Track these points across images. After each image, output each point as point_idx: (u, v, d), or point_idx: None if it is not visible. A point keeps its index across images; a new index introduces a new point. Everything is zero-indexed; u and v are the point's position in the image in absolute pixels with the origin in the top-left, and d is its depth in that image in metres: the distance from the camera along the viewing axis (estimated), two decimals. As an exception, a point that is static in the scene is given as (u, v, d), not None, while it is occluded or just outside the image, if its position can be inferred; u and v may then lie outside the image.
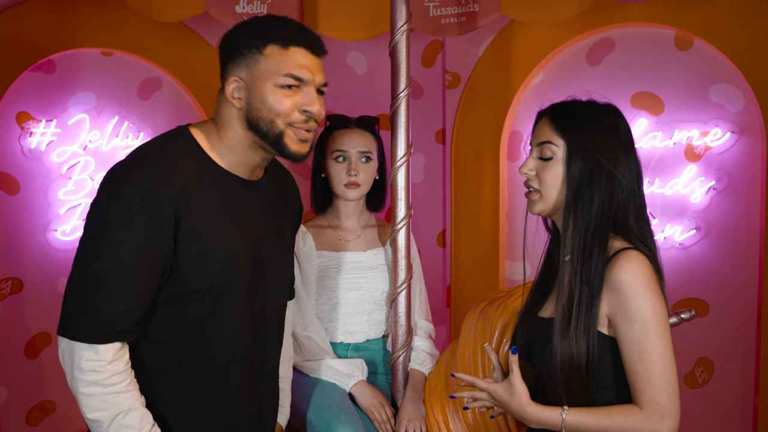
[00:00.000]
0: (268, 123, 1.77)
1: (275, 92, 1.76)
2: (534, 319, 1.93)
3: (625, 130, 1.84)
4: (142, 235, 1.66)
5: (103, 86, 3.72)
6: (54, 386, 3.73)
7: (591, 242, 1.77)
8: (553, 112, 1.87)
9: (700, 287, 3.47)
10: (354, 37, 3.41)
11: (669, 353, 1.71)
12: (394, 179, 2.53)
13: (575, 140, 1.80)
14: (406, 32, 2.49)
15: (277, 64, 1.76)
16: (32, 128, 3.65)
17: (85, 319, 1.67)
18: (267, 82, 1.76)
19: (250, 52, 1.76)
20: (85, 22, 3.58)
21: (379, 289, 2.63)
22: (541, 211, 1.88)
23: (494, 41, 3.69)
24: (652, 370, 1.69)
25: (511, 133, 3.76)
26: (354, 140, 2.61)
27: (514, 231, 3.79)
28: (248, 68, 1.77)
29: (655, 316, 1.70)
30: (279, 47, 1.76)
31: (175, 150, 1.78)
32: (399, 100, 2.49)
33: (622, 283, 1.71)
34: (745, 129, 3.38)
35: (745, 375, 3.43)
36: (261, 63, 1.76)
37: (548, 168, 1.83)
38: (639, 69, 3.51)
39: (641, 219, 1.82)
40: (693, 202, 3.45)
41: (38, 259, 3.68)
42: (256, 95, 1.77)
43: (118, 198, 1.66)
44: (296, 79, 1.77)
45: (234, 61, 1.79)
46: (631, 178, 1.81)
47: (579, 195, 1.79)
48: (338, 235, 2.67)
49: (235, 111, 1.80)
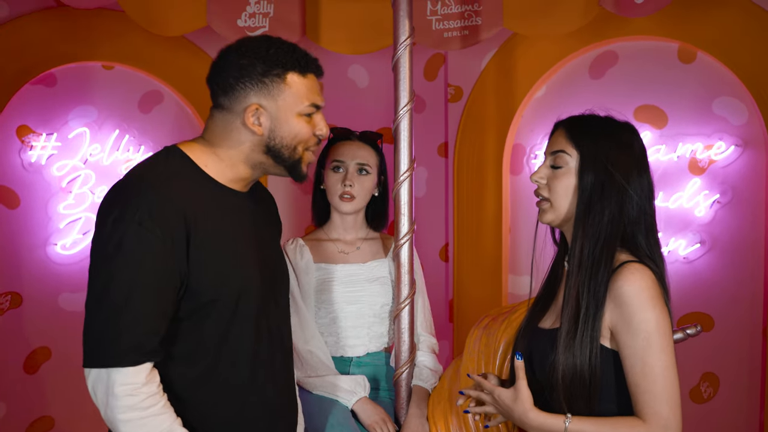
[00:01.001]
0: (291, 150, 1.82)
1: (299, 120, 1.81)
2: (535, 329, 1.92)
3: (639, 147, 1.84)
4: (157, 251, 1.65)
5: (103, 99, 3.72)
6: (53, 402, 3.70)
7: (599, 255, 1.76)
8: (570, 123, 1.87)
9: (705, 301, 3.45)
10: (356, 51, 3.41)
11: (672, 366, 1.70)
12: (397, 194, 2.51)
13: (589, 152, 1.80)
14: (409, 47, 2.49)
15: (300, 93, 1.80)
16: (32, 142, 3.64)
17: (112, 345, 1.64)
18: (293, 111, 1.80)
19: (272, 81, 1.78)
20: (85, 35, 3.59)
21: (379, 302, 2.60)
22: (551, 221, 1.88)
23: (497, 54, 3.69)
24: (655, 383, 1.68)
25: (513, 147, 3.75)
26: (353, 152, 2.61)
27: (517, 245, 3.77)
28: (271, 97, 1.78)
29: (658, 330, 1.69)
30: (299, 75, 1.80)
31: (170, 167, 1.78)
32: (401, 115, 2.48)
33: (626, 296, 1.71)
34: (749, 142, 3.37)
35: (750, 390, 3.41)
36: (285, 92, 1.79)
37: (559, 177, 1.83)
38: (642, 82, 3.50)
39: (651, 237, 1.81)
40: (697, 215, 3.44)
41: (38, 274, 3.67)
42: (282, 124, 1.80)
43: (125, 219, 1.65)
44: (316, 107, 1.84)
45: (251, 89, 1.78)
46: (642, 196, 1.80)
47: (590, 207, 1.78)
48: (336, 247, 2.65)
49: (251, 137, 1.81)
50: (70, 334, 3.73)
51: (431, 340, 2.65)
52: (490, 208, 3.70)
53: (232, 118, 1.81)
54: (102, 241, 1.68)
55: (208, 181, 1.81)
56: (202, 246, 1.72)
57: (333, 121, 3.92)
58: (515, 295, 3.75)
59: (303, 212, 3.88)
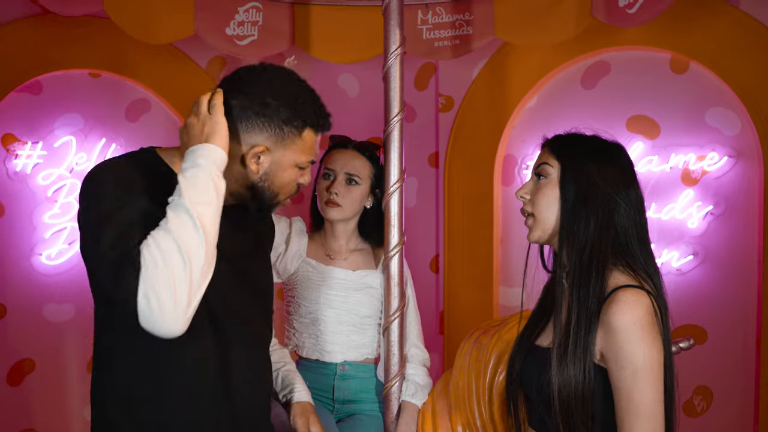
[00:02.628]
0: (274, 195, 1.81)
1: (293, 171, 1.80)
2: (531, 347, 1.90)
3: (627, 161, 1.83)
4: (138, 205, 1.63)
5: (90, 108, 3.69)
6: (37, 414, 3.66)
7: (588, 264, 1.74)
8: (554, 139, 1.87)
9: (698, 314, 3.43)
10: (346, 60, 3.42)
11: (658, 402, 1.68)
12: (387, 205, 2.49)
13: (569, 160, 1.80)
14: (400, 56, 2.47)
15: (306, 148, 1.79)
16: (18, 150, 3.61)
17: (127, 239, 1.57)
18: (294, 162, 1.79)
19: (290, 131, 1.76)
20: (72, 42, 3.56)
21: (362, 312, 2.58)
22: (539, 238, 1.85)
23: (488, 64, 3.68)
24: (638, 423, 1.67)
25: (505, 157, 3.74)
26: (344, 161, 2.60)
27: (509, 256, 3.75)
28: (283, 145, 1.76)
29: (646, 366, 1.67)
30: (313, 132, 1.80)
31: (140, 163, 1.74)
32: (392, 125, 2.46)
33: (616, 327, 1.68)
34: (741, 153, 3.36)
35: (744, 403, 3.39)
36: (296, 144, 1.77)
37: (542, 189, 1.82)
38: (634, 92, 3.50)
39: (644, 249, 1.79)
40: (690, 227, 3.42)
41: (22, 284, 3.64)
42: (279, 172, 1.78)
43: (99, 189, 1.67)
44: (312, 162, 1.84)
45: (267, 131, 1.74)
46: (631, 207, 1.78)
47: (574, 216, 1.76)
48: (326, 252, 2.65)
49: (244, 172, 1.76)
50: (54, 346, 3.72)
51: (423, 355, 2.62)
52: (482, 219, 3.69)
53: (231, 147, 1.73)
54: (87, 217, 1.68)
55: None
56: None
57: (323, 130, 3.91)
58: (506, 307, 3.73)
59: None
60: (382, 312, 2.56)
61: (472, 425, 2.25)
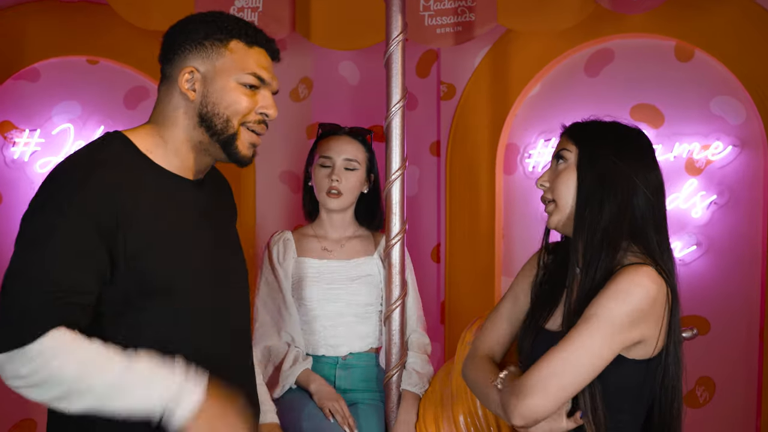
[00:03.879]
0: (224, 121, 1.70)
1: (236, 89, 1.70)
2: (539, 330, 1.88)
3: (647, 146, 1.82)
4: (79, 240, 1.55)
5: (88, 95, 3.67)
6: (35, 404, 3.60)
7: (599, 248, 1.72)
8: (573, 126, 1.87)
9: (701, 304, 3.41)
10: (347, 47, 3.38)
11: (588, 357, 1.64)
12: (389, 193, 2.48)
13: (588, 145, 1.79)
14: (402, 43, 2.46)
15: (242, 62, 1.70)
16: (15, 138, 3.60)
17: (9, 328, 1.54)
18: (229, 78, 1.70)
19: (212, 44, 1.70)
20: (70, 29, 3.55)
21: (362, 301, 2.57)
22: (558, 222, 1.83)
23: (490, 51, 3.65)
24: (548, 365, 1.66)
25: (507, 146, 3.71)
26: (340, 147, 2.57)
27: (511, 246, 3.73)
28: (209, 60, 1.70)
29: (607, 319, 1.64)
30: (244, 44, 1.71)
31: (109, 154, 1.65)
32: (393, 113, 2.45)
33: (613, 282, 1.66)
34: (746, 142, 3.34)
35: (747, 394, 3.38)
36: (224, 57, 1.70)
37: (560, 175, 1.81)
38: (638, 80, 3.47)
39: (660, 234, 1.77)
40: (694, 217, 3.40)
41: None
42: (215, 90, 1.69)
43: (49, 207, 1.56)
44: (260, 79, 1.72)
45: (191, 51, 1.70)
46: (649, 190, 1.76)
47: (589, 199, 1.75)
48: (320, 244, 2.63)
49: (185, 105, 1.71)
50: (53, 335, 3.69)
51: (423, 340, 2.60)
52: (483, 208, 3.66)
53: (171, 88, 1.72)
54: (25, 225, 1.60)
55: (152, 168, 1.70)
56: (143, 239, 1.61)
57: (323, 117, 3.88)
58: (508, 296, 3.70)
59: (292, 212, 3.84)
60: (383, 299, 2.55)
61: (473, 414, 2.24)
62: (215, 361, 1.72)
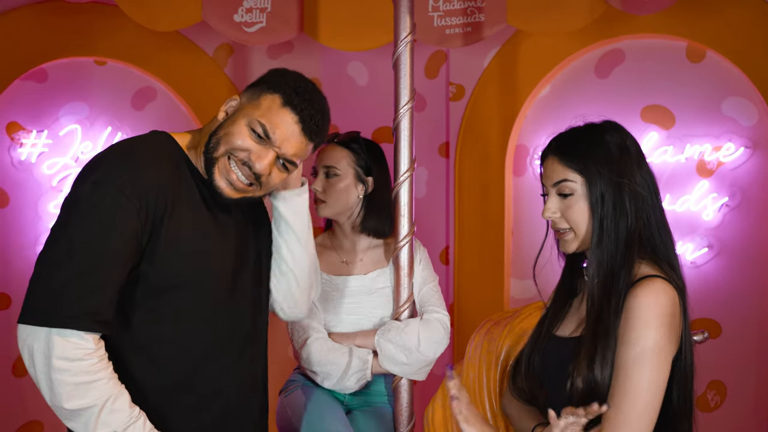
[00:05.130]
0: (215, 142, 1.78)
1: (243, 129, 1.77)
2: (551, 337, 1.88)
3: (632, 142, 1.82)
4: (132, 221, 1.65)
5: (95, 96, 3.68)
6: (42, 406, 3.57)
7: (620, 266, 1.74)
8: (558, 148, 1.84)
9: (713, 307, 3.39)
10: (355, 47, 3.39)
11: (657, 391, 1.67)
12: (397, 195, 2.46)
13: (590, 171, 1.78)
14: (410, 43, 2.45)
15: (260, 109, 1.78)
16: (22, 139, 3.61)
17: (70, 307, 1.60)
18: (245, 118, 1.78)
19: (261, 89, 1.81)
20: (78, 30, 3.56)
21: (379, 314, 2.55)
22: (578, 249, 1.84)
23: (500, 52, 3.64)
24: (632, 405, 1.65)
25: (516, 147, 3.70)
26: (321, 156, 2.59)
27: (520, 248, 3.72)
28: (250, 99, 1.81)
29: (655, 349, 1.66)
30: (280, 102, 1.78)
31: (157, 145, 1.79)
32: (402, 114, 2.44)
33: (636, 307, 1.68)
34: (758, 144, 3.31)
35: (758, 398, 3.35)
36: (257, 102, 1.79)
37: (572, 206, 1.80)
38: (649, 81, 3.45)
39: (663, 231, 1.79)
40: (705, 219, 3.38)
41: (27, 274, 3.49)
42: (232, 120, 1.80)
43: (106, 183, 1.64)
44: (263, 129, 1.77)
45: (250, 89, 1.85)
46: (647, 189, 1.78)
47: (606, 223, 1.76)
48: (340, 257, 2.61)
49: (215, 120, 1.85)
50: (60, 337, 3.69)
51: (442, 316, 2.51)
52: (493, 210, 3.65)
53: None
54: (77, 199, 1.66)
55: (190, 166, 1.82)
56: (174, 230, 1.72)
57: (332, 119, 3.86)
58: (518, 299, 3.70)
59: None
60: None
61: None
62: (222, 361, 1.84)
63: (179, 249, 1.73)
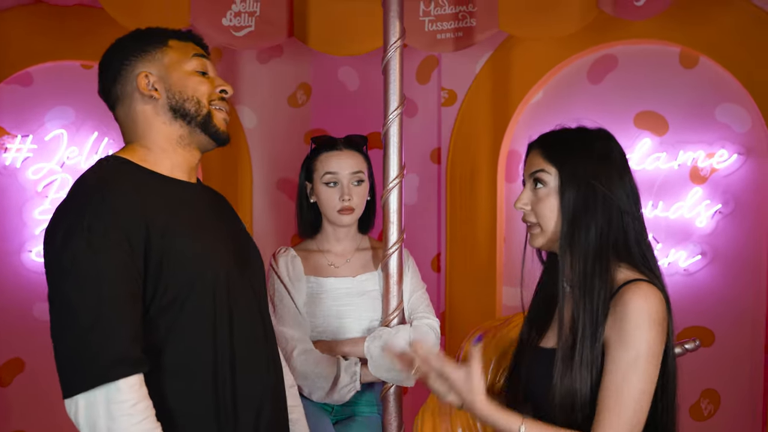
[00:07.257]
0: (195, 103, 1.78)
1: (192, 76, 1.79)
2: (536, 349, 1.86)
3: (618, 153, 1.81)
4: (114, 256, 1.57)
5: (82, 100, 3.64)
6: (26, 415, 3.62)
7: (592, 272, 1.72)
8: (544, 142, 1.84)
9: (706, 315, 3.38)
10: (345, 52, 3.37)
11: (648, 393, 1.67)
12: (386, 201, 2.46)
13: (567, 167, 1.77)
14: (400, 49, 2.45)
15: (184, 53, 1.80)
16: (7, 144, 3.59)
17: (93, 364, 1.53)
18: (181, 67, 1.78)
19: (153, 48, 1.78)
20: (64, 33, 3.53)
21: (367, 317, 2.53)
22: (543, 245, 1.84)
23: (492, 57, 3.62)
24: (625, 406, 1.65)
25: (509, 153, 3.69)
26: (345, 162, 2.51)
27: (512, 255, 3.70)
28: (156, 61, 1.78)
29: (649, 354, 1.65)
30: (178, 40, 1.81)
31: (111, 171, 1.72)
32: (391, 120, 2.44)
33: (629, 311, 1.66)
34: (752, 150, 3.30)
35: (752, 407, 3.34)
36: (169, 54, 1.78)
37: (543, 199, 1.80)
38: (642, 87, 3.44)
39: (642, 244, 1.77)
40: (698, 226, 3.37)
41: (12, 282, 3.62)
42: (175, 81, 1.77)
43: (75, 230, 1.57)
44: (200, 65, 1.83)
45: (136, 61, 1.77)
46: (628, 201, 1.77)
47: (575, 223, 1.75)
48: (327, 259, 2.58)
49: (152, 107, 1.77)
50: (44, 346, 3.59)
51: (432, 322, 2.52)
52: (485, 217, 3.64)
53: (129, 104, 1.78)
54: (54, 258, 1.59)
55: (151, 175, 1.75)
56: (166, 244, 1.64)
57: (322, 124, 3.84)
58: (510, 307, 3.69)
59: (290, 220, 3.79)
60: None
61: (471, 427, 2.21)
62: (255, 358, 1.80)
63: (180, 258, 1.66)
